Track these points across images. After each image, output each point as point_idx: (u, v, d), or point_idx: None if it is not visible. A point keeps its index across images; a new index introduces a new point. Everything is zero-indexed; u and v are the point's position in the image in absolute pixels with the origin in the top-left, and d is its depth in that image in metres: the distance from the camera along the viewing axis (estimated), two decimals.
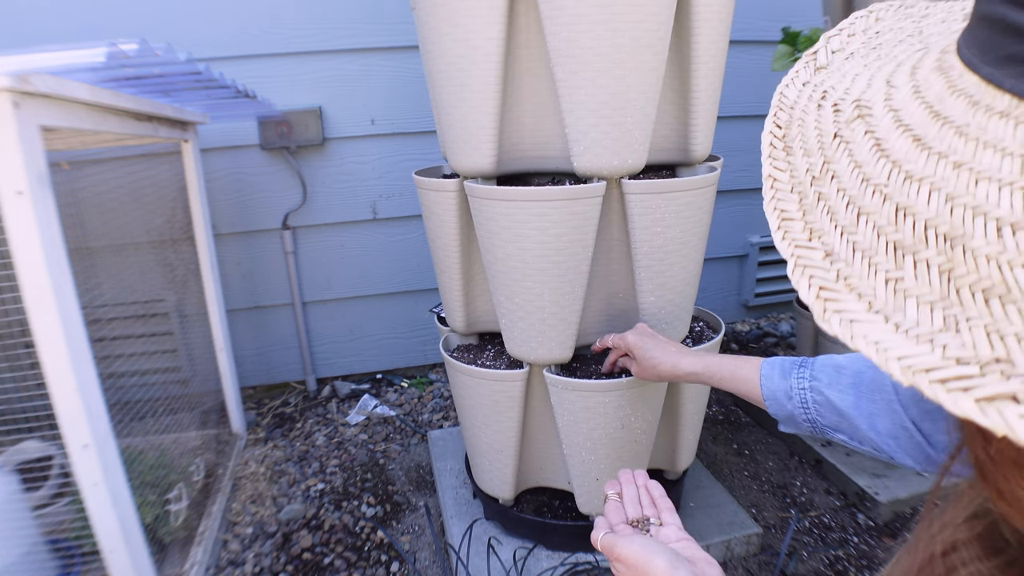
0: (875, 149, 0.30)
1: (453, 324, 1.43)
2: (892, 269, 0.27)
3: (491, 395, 1.29)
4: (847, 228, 0.30)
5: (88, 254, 1.80)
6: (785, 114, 0.38)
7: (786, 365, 0.82)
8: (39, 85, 0.88)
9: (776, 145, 0.36)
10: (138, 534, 1.11)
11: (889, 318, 0.26)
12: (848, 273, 0.29)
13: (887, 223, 0.28)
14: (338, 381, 2.39)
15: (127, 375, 1.51)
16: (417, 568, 1.51)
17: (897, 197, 0.28)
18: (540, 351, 1.24)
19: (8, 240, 0.88)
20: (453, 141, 1.21)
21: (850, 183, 0.31)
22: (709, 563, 0.56)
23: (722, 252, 2.69)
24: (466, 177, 1.22)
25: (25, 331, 0.97)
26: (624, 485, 0.71)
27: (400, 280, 2.35)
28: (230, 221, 2.15)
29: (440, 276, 1.40)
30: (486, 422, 1.34)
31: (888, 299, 0.27)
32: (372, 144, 2.18)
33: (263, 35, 1.99)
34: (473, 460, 1.47)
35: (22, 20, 1.83)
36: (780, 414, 0.82)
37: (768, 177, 0.35)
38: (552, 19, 1.04)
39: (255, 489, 1.81)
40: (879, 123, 0.31)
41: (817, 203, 0.32)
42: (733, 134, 2.50)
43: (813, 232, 0.32)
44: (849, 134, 0.32)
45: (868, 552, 1.51)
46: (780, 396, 0.81)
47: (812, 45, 1.58)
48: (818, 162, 0.33)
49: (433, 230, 1.34)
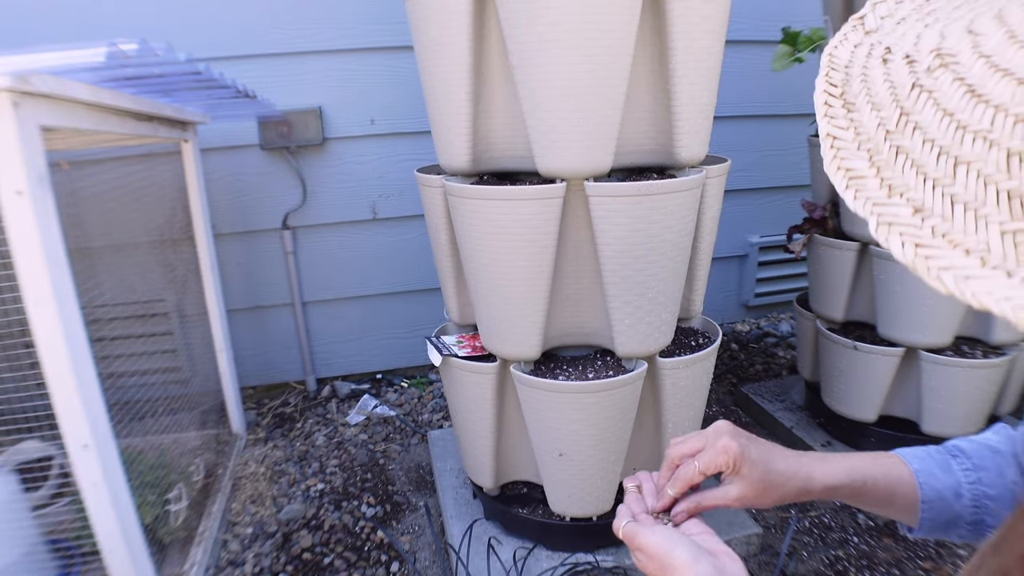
0: (969, 95, 0.28)
1: (450, 314, 1.49)
2: (1008, 220, 0.25)
3: (472, 387, 1.34)
4: (941, 180, 0.28)
5: (88, 254, 1.80)
6: (839, 73, 0.36)
7: (936, 457, 0.66)
8: (39, 85, 0.88)
9: (832, 103, 0.34)
10: (138, 534, 1.11)
11: (1013, 273, 0.25)
12: (946, 229, 0.27)
13: (996, 170, 0.26)
14: (338, 381, 2.39)
15: (127, 375, 1.51)
16: (417, 568, 1.51)
17: (1007, 142, 0.26)
18: (507, 346, 1.27)
19: (8, 240, 0.88)
20: (437, 140, 1.28)
21: (940, 133, 0.29)
22: (730, 556, 0.55)
23: (722, 252, 2.69)
24: (448, 175, 1.28)
25: (25, 331, 0.96)
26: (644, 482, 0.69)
27: (400, 280, 2.35)
28: (230, 221, 2.15)
29: (437, 267, 1.46)
30: (467, 412, 1.39)
31: (1007, 252, 0.25)
32: (372, 144, 2.18)
33: (263, 35, 1.99)
34: (461, 449, 1.53)
35: (22, 20, 1.83)
36: (939, 519, 0.64)
37: (827, 136, 0.33)
38: (507, 21, 1.07)
39: (255, 489, 1.81)
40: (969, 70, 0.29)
41: (896, 158, 0.30)
42: (733, 134, 2.50)
43: (893, 188, 0.30)
44: (932, 83, 0.30)
45: (868, 552, 1.50)
46: (948, 496, 0.64)
47: (812, 44, 1.59)
48: (893, 115, 0.31)
49: (429, 224, 1.40)
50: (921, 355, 1.58)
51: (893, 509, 0.66)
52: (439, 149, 1.29)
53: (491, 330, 1.29)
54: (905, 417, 1.69)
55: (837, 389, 1.75)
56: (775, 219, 2.70)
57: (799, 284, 2.79)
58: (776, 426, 1.94)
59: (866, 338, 1.69)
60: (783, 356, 2.51)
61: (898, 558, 1.48)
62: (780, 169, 2.63)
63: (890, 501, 0.65)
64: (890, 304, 1.60)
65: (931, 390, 1.58)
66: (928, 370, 1.57)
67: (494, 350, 1.31)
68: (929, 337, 1.56)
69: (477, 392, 1.33)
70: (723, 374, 2.39)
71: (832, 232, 1.77)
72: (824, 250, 1.75)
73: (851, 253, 1.69)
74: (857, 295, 1.73)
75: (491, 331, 1.29)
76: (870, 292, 1.69)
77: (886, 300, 1.61)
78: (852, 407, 1.73)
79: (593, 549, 1.39)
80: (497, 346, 1.29)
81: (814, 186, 1.90)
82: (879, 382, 1.65)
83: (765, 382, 2.24)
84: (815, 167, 1.88)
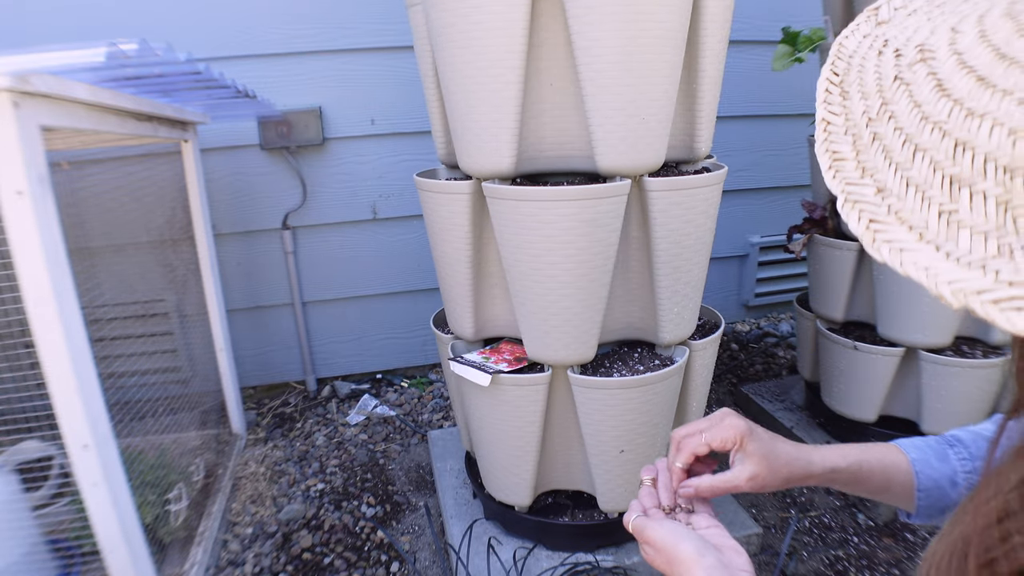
0: (937, 89, 0.31)
1: (460, 332, 1.39)
2: (946, 202, 0.29)
3: (519, 401, 1.27)
4: (902, 164, 0.31)
5: (88, 254, 1.80)
6: (843, 63, 0.38)
7: (933, 446, 0.68)
8: (39, 85, 0.88)
9: (832, 91, 0.37)
10: (138, 534, 1.11)
11: (940, 247, 0.28)
12: (900, 207, 0.30)
13: (944, 158, 0.29)
14: (338, 381, 2.39)
15: (127, 375, 1.51)
16: (417, 568, 1.51)
17: (957, 133, 0.29)
18: (565, 352, 1.23)
19: (8, 240, 0.88)
20: (469, 142, 1.18)
21: (908, 122, 0.32)
22: (736, 551, 0.56)
23: (722, 252, 2.69)
24: (482, 179, 1.20)
25: (25, 331, 0.97)
26: (660, 472, 0.70)
27: (400, 280, 2.35)
28: (230, 221, 2.15)
29: (446, 282, 1.36)
30: (508, 430, 1.30)
31: (940, 230, 0.28)
32: (372, 144, 2.18)
33: (263, 35, 1.99)
34: (488, 470, 1.43)
35: (22, 20, 1.83)
36: (936, 506, 0.67)
37: (822, 121, 0.36)
38: (579, 19, 1.04)
39: (255, 489, 1.81)
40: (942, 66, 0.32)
41: (872, 143, 0.33)
42: (733, 134, 2.50)
43: (865, 170, 0.33)
44: (910, 76, 0.33)
45: (868, 552, 1.50)
46: (944, 484, 0.66)
47: (812, 44, 1.59)
48: (875, 104, 0.34)
49: (440, 234, 1.30)
50: (921, 355, 1.58)
51: (891, 495, 0.68)
52: (467, 152, 1.19)
53: (544, 337, 1.23)
54: (905, 417, 1.69)
55: (837, 389, 1.75)
56: (775, 219, 2.70)
57: (799, 284, 2.79)
58: (776, 426, 1.94)
59: (866, 338, 1.69)
60: (783, 356, 2.51)
61: (898, 558, 1.48)
62: (780, 169, 2.63)
63: (887, 487, 0.67)
64: (890, 304, 1.60)
65: (931, 390, 1.58)
66: (928, 370, 1.57)
67: (546, 358, 1.25)
68: (929, 337, 1.56)
69: (526, 406, 1.27)
70: (723, 374, 2.39)
71: (832, 232, 1.77)
72: (824, 250, 1.75)
73: (851, 253, 1.69)
74: (857, 295, 1.73)
75: (544, 338, 1.23)
76: (870, 292, 1.69)
77: (886, 300, 1.61)
78: (852, 407, 1.73)
79: (593, 549, 1.39)
80: (551, 354, 1.24)
81: (814, 186, 1.90)
82: (879, 382, 1.65)
83: (765, 382, 2.24)
84: (815, 167, 1.88)
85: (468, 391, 1.34)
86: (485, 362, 1.32)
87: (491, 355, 1.36)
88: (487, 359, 1.34)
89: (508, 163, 1.16)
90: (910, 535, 1.55)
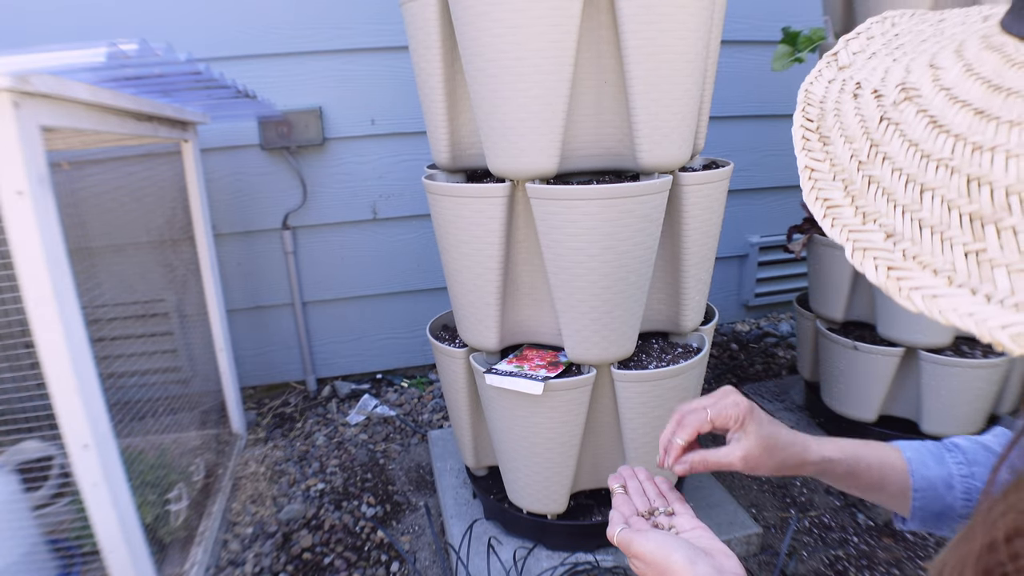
0: (932, 126, 0.30)
1: (482, 343, 1.31)
2: (970, 241, 0.27)
3: (559, 407, 1.23)
4: (909, 206, 0.30)
5: (88, 254, 1.80)
6: (815, 108, 0.37)
7: (931, 449, 0.69)
8: (39, 85, 0.88)
9: (809, 137, 0.36)
10: (138, 534, 1.11)
11: (977, 290, 0.26)
12: (916, 251, 0.29)
13: (958, 195, 0.28)
14: (338, 381, 2.39)
15: (127, 375, 1.51)
16: (417, 568, 1.51)
17: (967, 169, 0.28)
18: (612, 350, 1.24)
19: (8, 240, 0.88)
20: (512, 143, 1.12)
21: (907, 162, 0.30)
22: (726, 554, 0.56)
23: (722, 252, 2.69)
24: (521, 180, 1.17)
25: (25, 331, 0.97)
26: (628, 479, 0.70)
27: (400, 280, 2.35)
28: (230, 221, 2.15)
29: (465, 293, 1.29)
30: (547, 436, 1.27)
31: (971, 271, 0.26)
32: (372, 144, 2.18)
33: (263, 35, 1.99)
34: (521, 482, 1.37)
35: (22, 20, 1.83)
36: (931, 508, 0.66)
37: (805, 168, 0.35)
38: (635, 17, 1.04)
39: (255, 489, 1.81)
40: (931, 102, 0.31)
41: (868, 187, 0.32)
42: (733, 134, 2.50)
43: (867, 215, 0.31)
44: (898, 116, 0.32)
45: (868, 552, 1.51)
46: (939, 486, 0.66)
47: (812, 44, 1.60)
48: (863, 147, 0.33)
49: (464, 243, 1.23)
50: (921, 355, 1.58)
51: (885, 494, 0.68)
52: (505, 153, 1.14)
53: (592, 336, 1.21)
54: (905, 417, 1.69)
55: (837, 389, 1.75)
56: (775, 219, 2.70)
57: (799, 284, 2.79)
58: None
59: (866, 338, 1.69)
60: (783, 356, 2.51)
61: (898, 558, 1.48)
62: (780, 169, 2.63)
63: (882, 485, 0.67)
64: (890, 304, 1.60)
65: (931, 390, 1.58)
66: (928, 370, 1.57)
67: (589, 358, 1.24)
68: (929, 337, 1.56)
69: (573, 408, 1.24)
70: (723, 374, 2.39)
71: None
72: (824, 250, 1.75)
73: None
74: (857, 295, 1.73)
75: (592, 337, 1.21)
76: (870, 292, 1.69)
77: (886, 300, 1.61)
78: (852, 407, 1.73)
79: (593, 549, 1.39)
80: (598, 352, 1.23)
81: None
82: (879, 382, 1.65)
83: (765, 382, 2.24)
84: None
85: (501, 403, 1.28)
86: (521, 370, 1.26)
87: (521, 363, 1.31)
88: (521, 367, 1.28)
89: (553, 163, 1.13)
90: (910, 535, 1.55)
